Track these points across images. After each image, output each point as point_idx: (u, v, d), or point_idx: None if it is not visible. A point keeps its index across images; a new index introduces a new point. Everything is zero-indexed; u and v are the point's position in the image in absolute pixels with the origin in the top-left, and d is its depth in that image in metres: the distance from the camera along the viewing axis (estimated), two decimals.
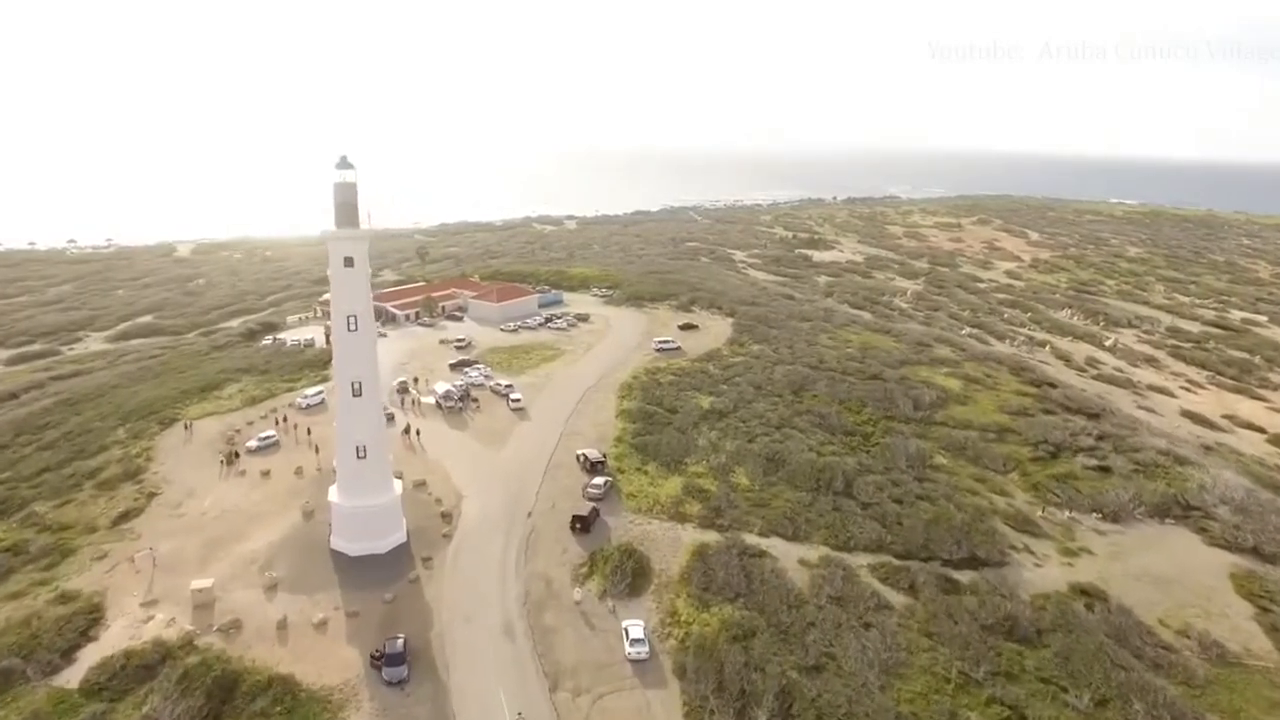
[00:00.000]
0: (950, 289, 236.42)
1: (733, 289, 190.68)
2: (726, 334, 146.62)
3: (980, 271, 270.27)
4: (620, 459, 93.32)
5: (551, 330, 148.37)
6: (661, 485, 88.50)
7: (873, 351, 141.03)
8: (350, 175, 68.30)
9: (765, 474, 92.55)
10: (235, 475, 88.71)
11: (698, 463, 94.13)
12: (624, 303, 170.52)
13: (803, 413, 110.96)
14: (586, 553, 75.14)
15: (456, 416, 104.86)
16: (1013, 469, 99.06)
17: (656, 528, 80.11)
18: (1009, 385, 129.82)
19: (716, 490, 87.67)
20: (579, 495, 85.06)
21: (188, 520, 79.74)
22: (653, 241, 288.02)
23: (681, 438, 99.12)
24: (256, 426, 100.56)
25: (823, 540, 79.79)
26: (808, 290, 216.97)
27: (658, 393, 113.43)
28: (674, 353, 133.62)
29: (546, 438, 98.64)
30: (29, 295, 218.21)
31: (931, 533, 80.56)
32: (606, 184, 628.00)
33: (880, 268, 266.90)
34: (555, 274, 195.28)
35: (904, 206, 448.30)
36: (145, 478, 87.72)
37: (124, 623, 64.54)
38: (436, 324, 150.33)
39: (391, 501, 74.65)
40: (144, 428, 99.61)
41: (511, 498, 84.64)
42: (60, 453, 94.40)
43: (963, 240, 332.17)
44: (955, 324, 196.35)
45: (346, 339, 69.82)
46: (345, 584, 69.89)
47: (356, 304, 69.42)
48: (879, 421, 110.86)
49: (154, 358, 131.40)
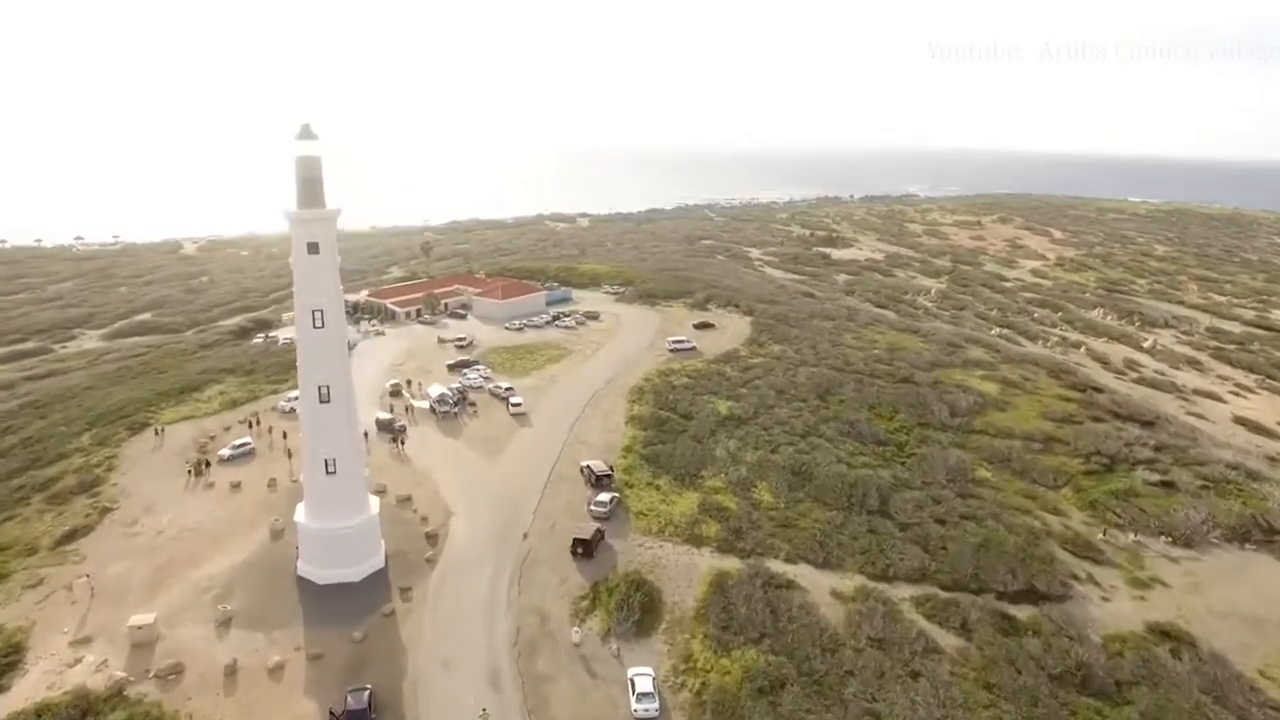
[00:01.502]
0: (975, 287, 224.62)
1: (750, 286, 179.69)
2: (745, 333, 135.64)
3: (1005, 270, 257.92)
4: (629, 471, 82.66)
5: (559, 329, 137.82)
6: (675, 502, 77.81)
7: (901, 352, 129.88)
8: (313, 147, 57.96)
9: (790, 489, 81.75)
10: (203, 488, 78.65)
11: (715, 476, 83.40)
12: (636, 300, 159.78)
13: (829, 419, 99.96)
14: (588, 582, 64.54)
15: (451, 422, 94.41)
16: (1064, 484, 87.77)
17: (669, 552, 69.44)
18: (1050, 390, 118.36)
19: (736, 508, 76.91)
20: (582, 513, 74.50)
21: (141, 540, 69.67)
22: (667, 239, 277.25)
23: (697, 448, 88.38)
24: (234, 432, 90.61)
25: (858, 568, 68.90)
26: (827, 288, 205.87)
27: (671, 397, 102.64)
28: (689, 353, 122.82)
29: (548, 447, 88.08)
30: (28, 292, 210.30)
31: (981, 559, 69.50)
32: (620, 182, 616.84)
33: (901, 266, 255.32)
34: (564, 270, 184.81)
35: (922, 204, 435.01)
36: (102, 490, 77.79)
37: (46, 666, 54.51)
38: (438, 322, 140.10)
39: (366, 523, 64.29)
40: (110, 434, 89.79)
41: (506, 516, 74.14)
42: (14, 461, 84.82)
43: (984, 238, 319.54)
44: (983, 324, 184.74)
45: (311, 337, 59.53)
46: (310, 618, 59.59)
47: (322, 296, 59.09)
48: (913, 429, 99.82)
49: (136, 357, 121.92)
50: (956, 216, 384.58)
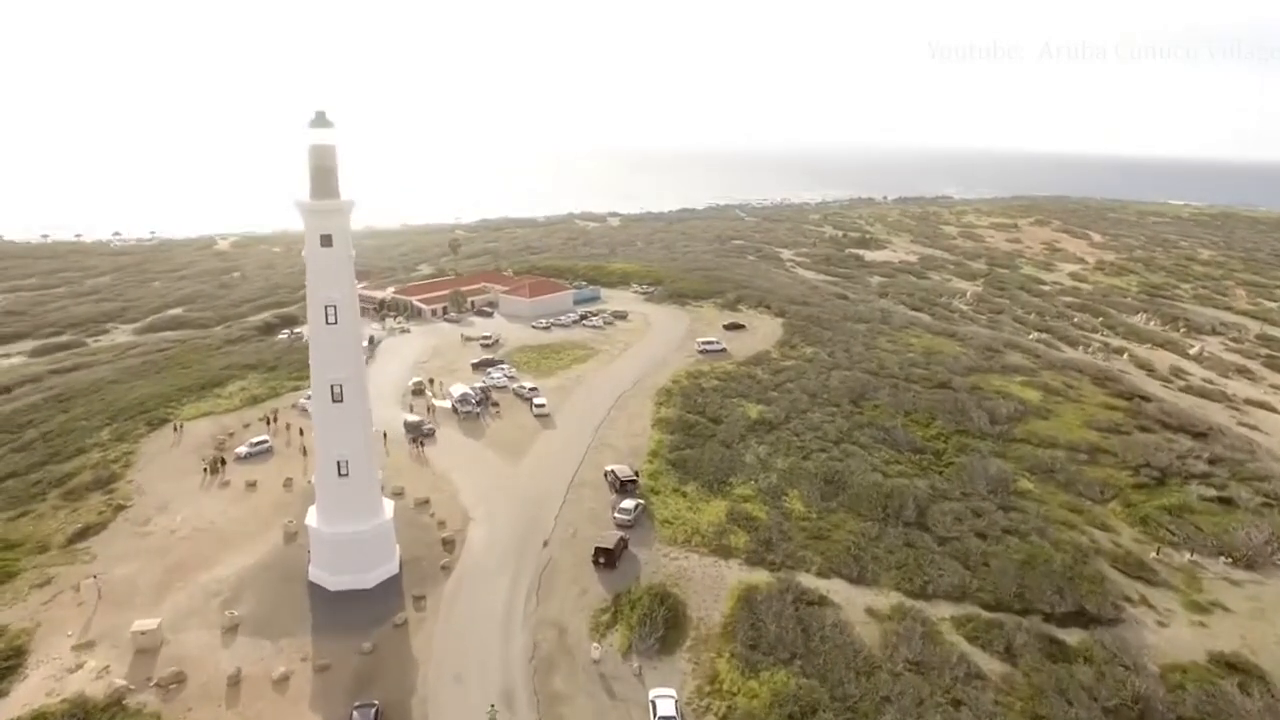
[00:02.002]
0: (1012, 291, 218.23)
1: (782, 287, 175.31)
2: (776, 335, 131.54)
3: (1042, 273, 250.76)
4: (655, 477, 79.14)
5: (586, 328, 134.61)
6: (702, 510, 74.14)
7: (937, 356, 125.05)
8: (328, 136, 55.11)
9: (823, 498, 77.74)
10: (218, 486, 76.37)
11: (744, 483, 79.61)
12: (665, 300, 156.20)
13: (864, 425, 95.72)
14: (610, 595, 61.12)
15: (473, 423, 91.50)
16: (1112, 497, 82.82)
17: (695, 564, 65.81)
18: (1094, 397, 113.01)
19: (766, 518, 73.08)
20: (605, 520, 71.10)
21: (153, 540, 67.43)
22: (697, 239, 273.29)
23: (726, 453, 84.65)
24: (253, 430, 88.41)
25: (894, 584, 64.81)
26: (861, 290, 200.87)
27: (700, 400, 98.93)
28: (719, 355, 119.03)
29: (572, 450, 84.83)
30: (66, 286, 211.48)
31: (1026, 577, 65.06)
32: (638, 183, 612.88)
33: (935, 268, 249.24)
34: (593, 269, 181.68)
35: (957, 206, 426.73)
36: (117, 487, 75.80)
37: (46, 671, 52.18)
38: (464, 320, 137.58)
39: (379, 528, 61.40)
40: (130, 429, 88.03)
41: (526, 522, 70.95)
42: (34, 455, 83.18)
43: (1021, 241, 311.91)
44: (1021, 328, 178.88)
45: (324, 333, 56.73)
46: (319, 627, 56.77)
47: (336, 290, 56.26)
48: (951, 437, 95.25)
49: (161, 351, 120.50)
50: (992, 219, 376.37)
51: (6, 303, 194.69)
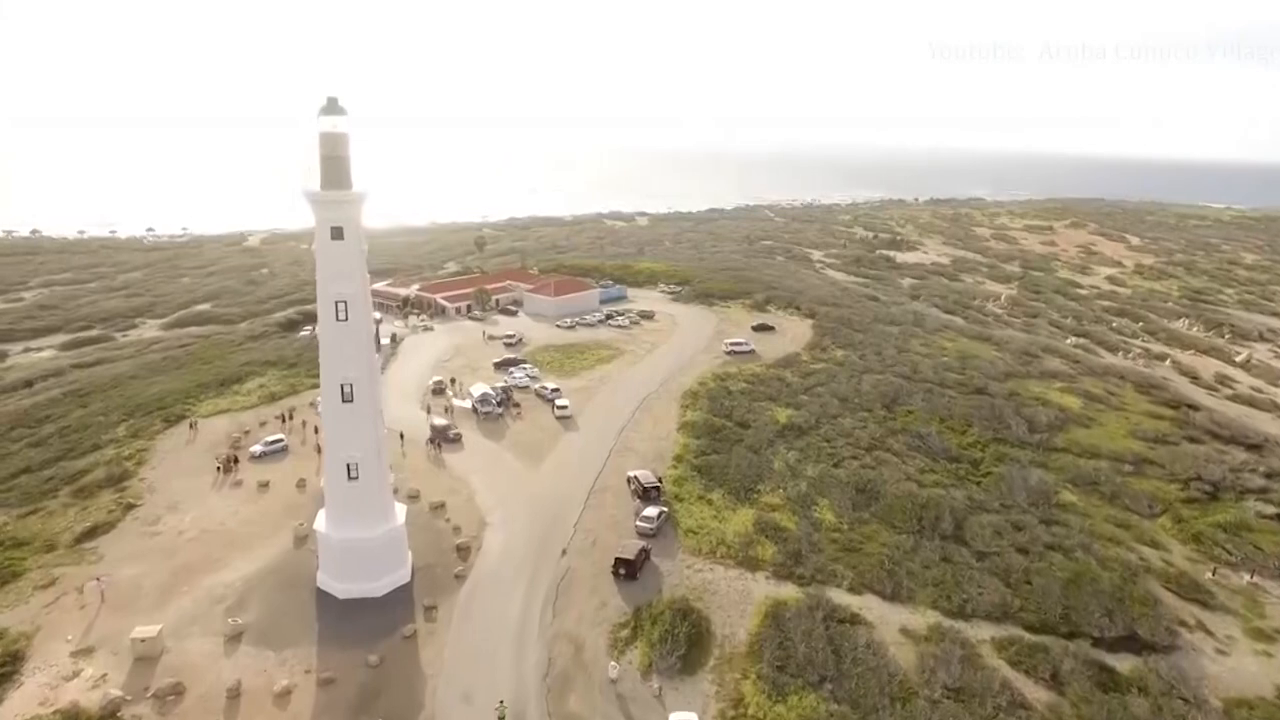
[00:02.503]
0: (1047, 294, 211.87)
1: (811, 288, 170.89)
2: (806, 337, 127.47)
3: (1079, 277, 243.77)
4: (680, 483, 75.62)
5: (611, 328, 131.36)
6: (728, 519, 70.54)
7: (973, 361, 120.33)
8: (340, 123, 52.30)
9: (855, 508, 73.83)
10: (230, 486, 74.02)
11: (772, 491, 75.89)
12: (693, 300, 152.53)
13: (897, 432, 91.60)
14: (630, 608, 57.76)
15: (493, 424, 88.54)
16: (1161, 513, 78.09)
17: (720, 576, 62.26)
18: (1138, 405, 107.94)
19: (795, 528, 69.34)
20: (627, 529, 67.74)
21: (161, 541, 65.10)
22: (726, 239, 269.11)
23: (754, 459, 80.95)
24: (269, 428, 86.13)
25: (931, 602, 60.84)
26: (892, 292, 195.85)
27: (727, 403, 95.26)
28: (747, 356, 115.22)
29: (594, 453, 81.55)
30: (99, 281, 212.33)
31: (1072, 597, 60.80)
32: (678, 182, 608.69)
33: (968, 270, 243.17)
34: (620, 268, 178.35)
35: (990, 208, 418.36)
36: (129, 485, 73.68)
37: (43, 678, 49.80)
38: (488, 318, 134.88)
39: (390, 534, 58.53)
40: (146, 425, 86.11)
41: (545, 528, 67.78)
42: (49, 450, 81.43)
43: (1055, 243, 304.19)
44: (1057, 332, 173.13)
45: (334, 331, 53.96)
46: (325, 637, 53.97)
47: (346, 285, 53.46)
48: (988, 445, 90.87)
49: (183, 347, 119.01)
50: (1026, 221, 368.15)
51: (41, 297, 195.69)
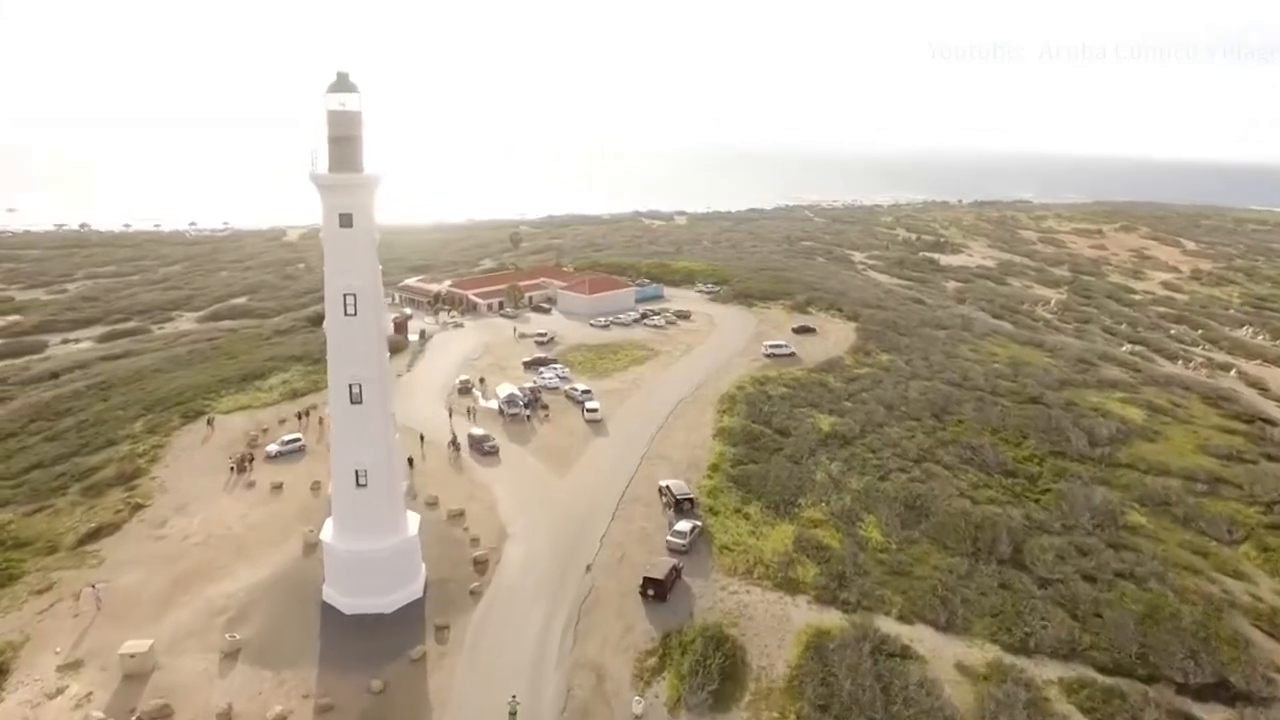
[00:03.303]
0: (1100, 299, 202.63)
1: (854, 290, 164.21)
2: (849, 340, 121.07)
3: (1132, 281, 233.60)
4: (714, 495, 70.14)
5: (646, 327, 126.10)
6: (766, 535, 64.94)
7: (1025, 368, 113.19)
8: (351, 101, 47.72)
9: (904, 526, 67.79)
10: (243, 487, 70.15)
11: (814, 505, 70.10)
12: (731, 300, 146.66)
13: (947, 443, 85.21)
14: (658, 633, 52.51)
15: (519, 426, 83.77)
16: (1243, 539, 70.81)
17: (757, 600, 56.73)
18: (1206, 419, 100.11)
19: (839, 547, 63.53)
20: (657, 544, 62.47)
21: (165, 545, 61.28)
22: (766, 239, 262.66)
23: (794, 470, 75.20)
24: (288, 426, 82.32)
25: (989, 634, 54.73)
26: (937, 295, 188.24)
27: (766, 409, 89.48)
28: (787, 359, 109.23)
29: (624, 460, 76.36)
30: (140, 274, 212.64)
31: (1149, 635, 54.28)
32: (717, 181, 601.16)
33: (1015, 274, 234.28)
34: (657, 267, 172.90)
35: (1036, 211, 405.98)
36: (140, 484, 70.14)
37: (25, 695, 45.92)
38: (520, 315, 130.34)
39: (402, 546, 53.92)
40: (163, 421, 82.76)
41: (569, 541, 62.75)
42: (64, 445, 78.42)
43: (1106, 248, 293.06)
44: (1112, 339, 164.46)
45: (341, 326, 49.38)
46: (327, 658, 49.47)
47: (356, 278, 48.86)
48: (1045, 459, 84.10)
49: (210, 341, 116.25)
50: (1074, 224, 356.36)
51: (83, 289, 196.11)
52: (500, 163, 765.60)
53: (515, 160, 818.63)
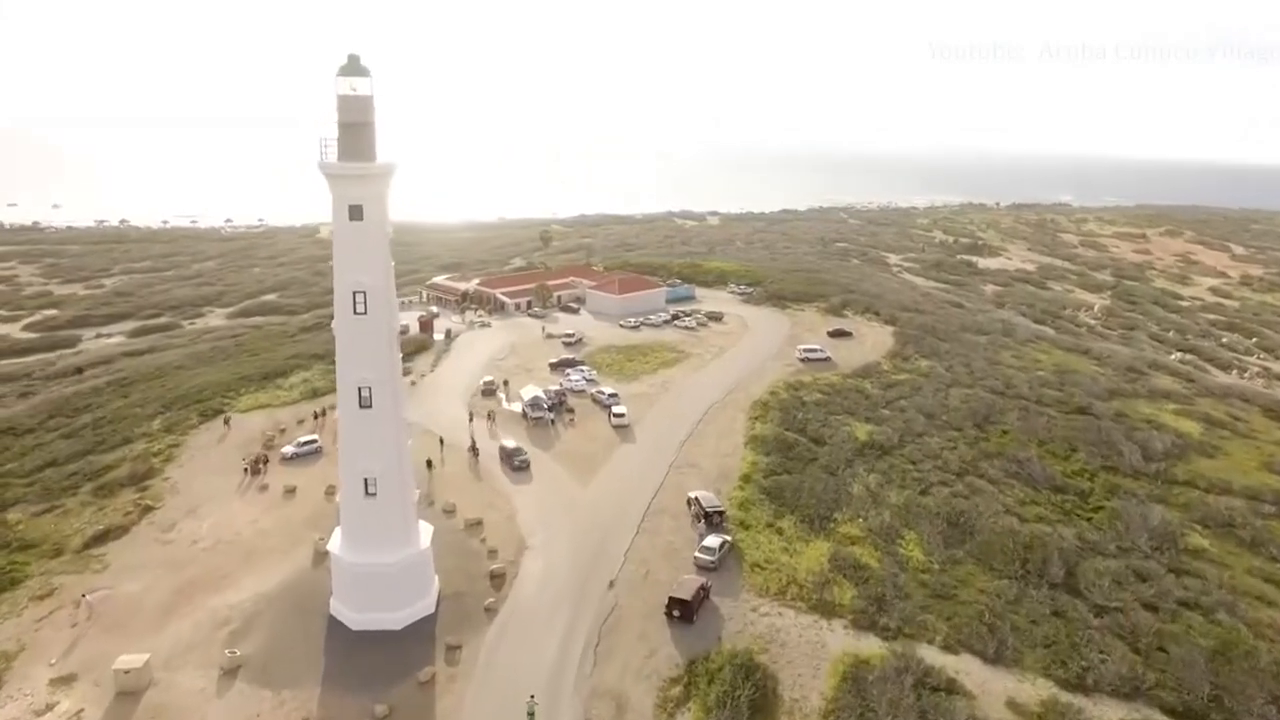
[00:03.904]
0: (1145, 305, 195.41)
1: (891, 292, 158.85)
2: (886, 345, 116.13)
3: (1178, 287, 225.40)
4: (746, 507, 66.05)
5: (677, 329, 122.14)
6: (800, 552, 60.77)
7: (1072, 376, 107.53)
8: (363, 85, 44.44)
9: (947, 544, 63.22)
10: (256, 490, 67.43)
11: (851, 520, 65.76)
12: (765, 302, 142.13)
13: (991, 455, 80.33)
14: (684, 659, 48.65)
15: (543, 431, 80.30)
16: None
17: (790, 623, 52.63)
18: (1270, 433, 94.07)
19: (878, 566, 59.24)
20: (684, 559, 58.61)
21: (172, 550, 58.65)
22: (800, 240, 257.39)
23: (830, 481, 70.86)
24: (306, 427, 79.63)
25: (1042, 668, 50.11)
26: (975, 299, 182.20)
27: (800, 415, 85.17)
28: (822, 364, 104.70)
29: (651, 469, 72.52)
30: (175, 270, 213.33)
31: (1222, 674, 49.30)
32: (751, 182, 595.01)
33: (1056, 278, 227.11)
34: (689, 267, 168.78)
35: (1076, 214, 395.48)
36: (152, 484, 67.76)
37: (13, 711, 43.24)
38: (548, 315, 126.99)
39: (413, 559, 50.58)
40: (181, 419, 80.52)
41: (591, 555, 59.06)
42: (79, 443, 76.51)
43: (1150, 252, 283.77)
44: (1159, 346, 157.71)
45: (351, 325, 46.13)
46: (331, 677, 46.28)
47: (366, 273, 45.58)
48: (1096, 474, 78.86)
49: (235, 338, 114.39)
50: (1116, 228, 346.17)
51: (119, 284, 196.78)
52: (500, 162, 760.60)
53: (515, 160, 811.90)
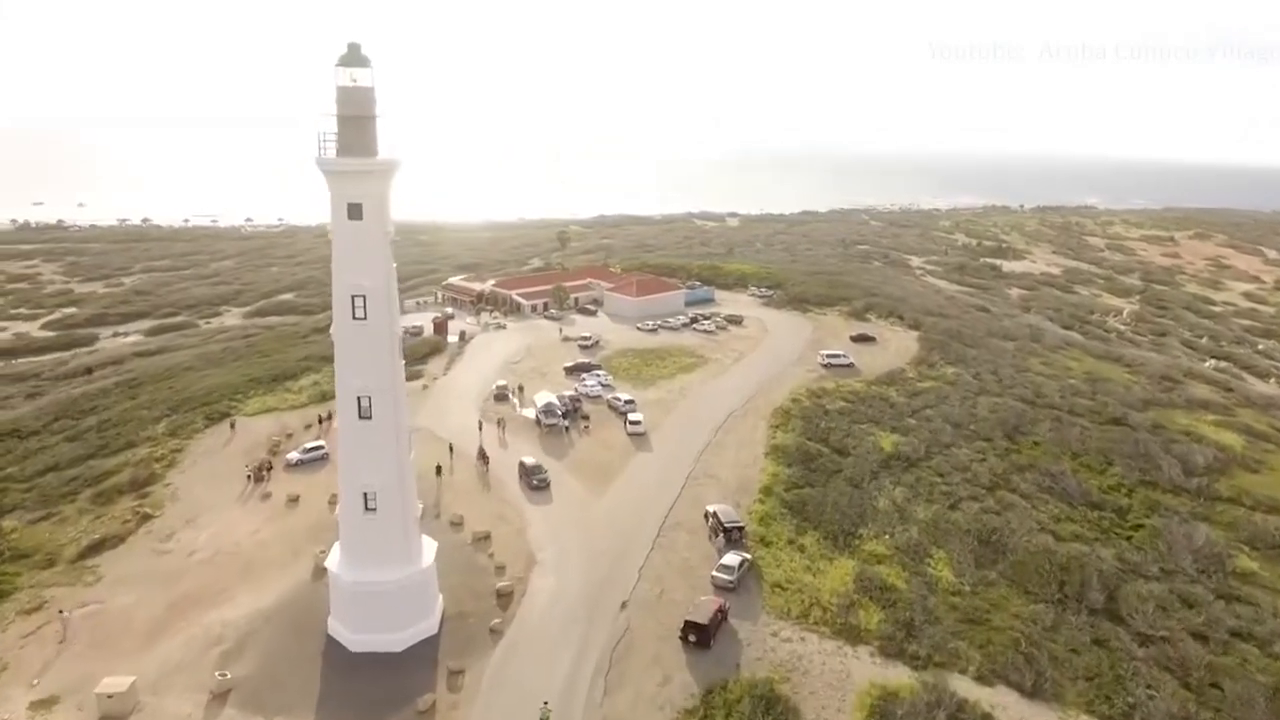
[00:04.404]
0: (1176, 310, 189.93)
1: (914, 296, 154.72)
2: (911, 350, 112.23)
3: (1209, 292, 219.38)
4: (766, 522, 62.72)
5: (696, 333, 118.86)
6: (824, 571, 57.40)
7: (1104, 385, 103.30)
8: (363, 76, 41.65)
9: (978, 564, 59.69)
10: (258, 498, 64.91)
11: (877, 536, 62.32)
12: (785, 305, 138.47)
13: (1023, 468, 76.52)
14: (700, 688, 45.42)
15: (556, 439, 77.29)
16: None
17: (813, 650, 49.29)
18: None
19: (906, 588, 55.78)
20: (701, 578, 55.39)
21: (168, 562, 56.17)
22: (820, 242, 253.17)
23: (854, 494, 67.43)
24: (313, 431, 77.18)
25: (1085, 703, 46.51)
26: (1000, 303, 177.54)
27: (823, 424, 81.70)
28: (845, 370, 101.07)
29: (668, 480, 69.27)
30: (193, 269, 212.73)
31: None
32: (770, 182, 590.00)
33: (1082, 282, 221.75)
34: (708, 269, 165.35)
35: (1102, 216, 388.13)
36: (152, 491, 65.43)
37: None
38: (565, 318, 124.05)
39: (415, 577, 47.71)
40: (187, 423, 78.24)
41: (604, 572, 55.97)
42: (82, 447, 74.48)
43: (1179, 255, 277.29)
44: (1192, 353, 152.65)
45: (350, 331, 43.34)
46: (326, 703, 43.47)
47: (366, 276, 42.78)
48: (1134, 489, 74.90)
49: (247, 338, 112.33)
50: (1143, 231, 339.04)
51: (138, 282, 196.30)
52: (500, 162, 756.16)
53: (515, 159, 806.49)
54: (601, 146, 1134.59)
